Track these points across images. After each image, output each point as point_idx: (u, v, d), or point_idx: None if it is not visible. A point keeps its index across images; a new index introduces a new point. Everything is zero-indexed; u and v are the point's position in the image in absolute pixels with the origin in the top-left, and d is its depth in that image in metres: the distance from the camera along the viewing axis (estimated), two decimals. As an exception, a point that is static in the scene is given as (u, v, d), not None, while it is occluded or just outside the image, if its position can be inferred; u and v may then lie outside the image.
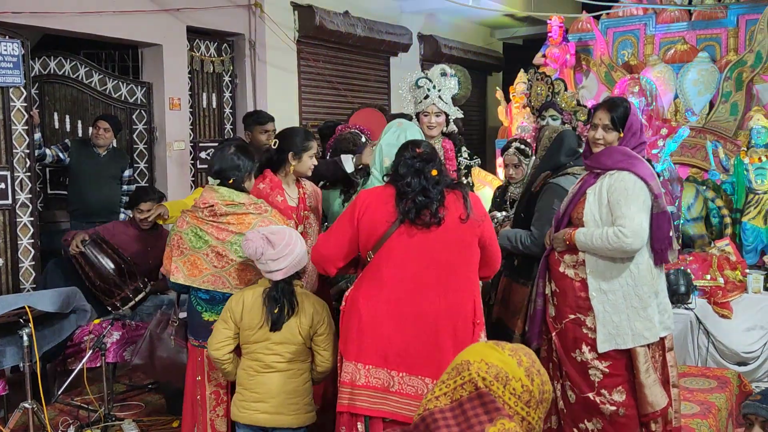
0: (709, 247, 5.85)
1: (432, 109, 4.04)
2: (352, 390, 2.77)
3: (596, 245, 3.20)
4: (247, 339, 3.03)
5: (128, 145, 6.36)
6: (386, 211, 2.81)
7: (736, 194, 6.05)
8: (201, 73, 6.80)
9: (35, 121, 5.43)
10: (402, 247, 2.80)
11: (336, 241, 2.91)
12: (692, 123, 6.88)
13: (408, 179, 2.79)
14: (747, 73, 6.88)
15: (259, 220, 3.21)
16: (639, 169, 3.25)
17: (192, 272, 3.19)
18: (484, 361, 1.54)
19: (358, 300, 2.82)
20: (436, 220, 2.77)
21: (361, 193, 2.99)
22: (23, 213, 5.16)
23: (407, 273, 2.79)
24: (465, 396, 1.52)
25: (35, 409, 3.79)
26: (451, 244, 2.81)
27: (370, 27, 8.20)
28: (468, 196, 2.88)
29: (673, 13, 7.65)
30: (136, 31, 6.01)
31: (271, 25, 7.13)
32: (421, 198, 2.76)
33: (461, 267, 2.85)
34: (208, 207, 3.20)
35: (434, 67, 4.17)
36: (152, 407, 4.78)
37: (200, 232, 3.19)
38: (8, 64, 4.99)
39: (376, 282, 2.81)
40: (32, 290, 5.09)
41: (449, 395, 1.54)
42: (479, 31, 10.77)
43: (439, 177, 2.81)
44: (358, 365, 2.78)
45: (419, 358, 2.76)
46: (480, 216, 2.91)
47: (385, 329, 2.76)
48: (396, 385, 2.77)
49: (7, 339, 3.95)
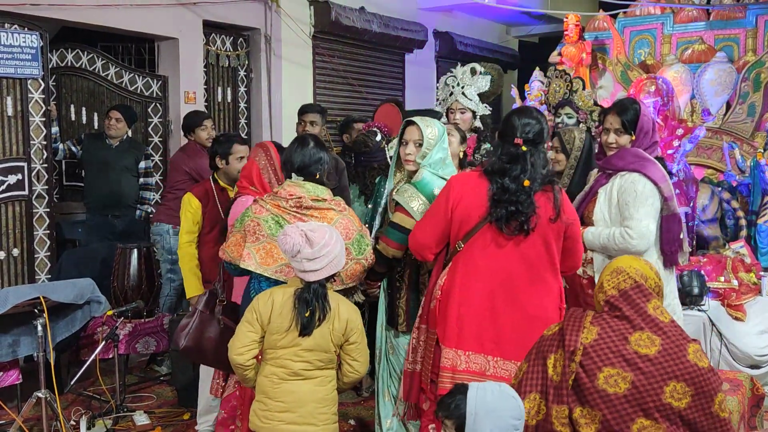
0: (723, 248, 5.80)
1: (456, 105, 4.10)
2: (453, 375, 2.88)
3: (603, 245, 3.20)
4: (273, 344, 2.79)
5: (143, 138, 6.39)
6: (478, 205, 2.89)
7: (752, 196, 6.01)
8: (216, 67, 6.82)
9: (53, 114, 5.48)
10: (493, 241, 2.89)
11: (432, 228, 2.97)
12: (709, 124, 6.82)
13: (502, 181, 2.85)
14: (765, 74, 6.81)
15: (340, 217, 3.12)
16: (650, 171, 3.24)
17: (265, 261, 3.04)
18: (632, 266, 2.44)
19: (453, 290, 2.92)
20: (525, 231, 2.86)
21: (454, 180, 3.00)
22: (39, 204, 5.20)
23: (498, 265, 2.89)
24: (627, 286, 2.39)
25: (48, 398, 3.82)
26: (538, 244, 2.91)
27: (386, 23, 8.19)
28: (559, 195, 2.93)
29: (691, 12, 7.59)
30: (152, 24, 6.03)
31: (287, 19, 7.14)
32: (512, 208, 2.83)
33: (547, 259, 2.95)
34: (295, 199, 3.09)
35: (467, 65, 4.20)
36: (164, 399, 4.81)
37: (282, 221, 3.06)
38: (27, 56, 5.03)
39: (470, 273, 2.91)
40: (47, 281, 5.14)
41: (616, 287, 2.40)
42: (495, 29, 10.73)
43: (530, 188, 2.85)
44: (458, 352, 2.89)
45: (512, 344, 2.88)
46: (569, 219, 2.97)
47: (482, 318, 2.89)
48: (491, 369, 2.89)
49: (22, 329, 3.99)
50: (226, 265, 3.22)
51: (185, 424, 4.38)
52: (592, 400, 2.26)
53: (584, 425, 2.25)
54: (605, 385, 2.25)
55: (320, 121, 5.25)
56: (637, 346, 2.26)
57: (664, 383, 2.24)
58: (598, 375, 2.26)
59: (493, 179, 2.89)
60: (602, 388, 2.25)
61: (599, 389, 2.25)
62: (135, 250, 4.85)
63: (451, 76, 4.22)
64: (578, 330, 2.36)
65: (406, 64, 8.98)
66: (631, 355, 2.26)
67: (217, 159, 4.21)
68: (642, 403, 2.23)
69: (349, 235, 3.10)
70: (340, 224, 3.09)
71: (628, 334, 2.29)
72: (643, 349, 2.26)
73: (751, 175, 6.03)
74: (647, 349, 2.26)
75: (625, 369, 2.25)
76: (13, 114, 5.01)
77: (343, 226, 3.11)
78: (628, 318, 2.32)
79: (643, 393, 2.23)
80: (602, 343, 2.29)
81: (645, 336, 2.28)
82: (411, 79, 9.03)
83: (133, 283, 4.80)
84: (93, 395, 4.66)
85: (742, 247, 5.61)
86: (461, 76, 4.15)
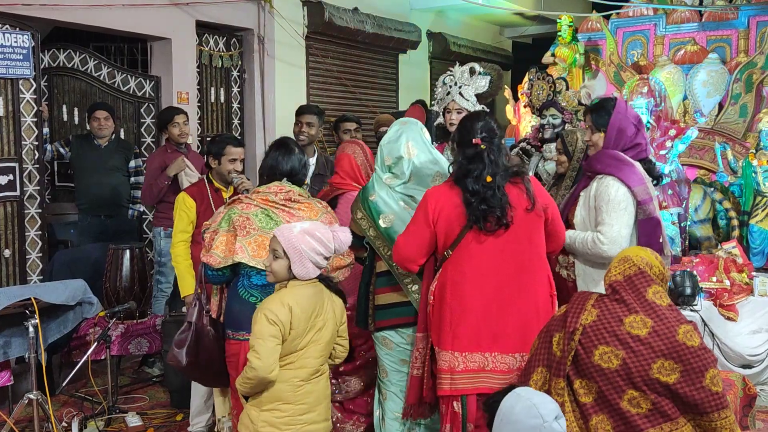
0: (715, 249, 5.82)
1: (453, 105, 4.09)
2: (452, 375, 2.97)
3: (578, 249, 3.24)
4: (294, 348, 2.77)
5: (136, 138, 6.37)
6: (458, 214, 2.96)
7: (744, 196, 6.03)
8: (209, 68, 6.81)
9: (44, 114, 5.46)
10: (478, 245, 2.96)
11: (416, 242, 3.04)
12: (701, 124, 6.84)
13: (470, 187, 2.93)
14: (757, 75, 6.84)
15: (324, 212, 3.30)
16: (624, 175, 3.26)
17: (257, 253, 3.11)
18: (638, 255, 2.69)
19: (445, 295, 3.00)
20: (503, 225, 2.93)
21: (430, 195, 3.04)
22: (31, 205, 5.18)
23: (486, 266, 2.97)
24: (631, 273, 2.66)
25: (40, 400, 3.80)
26: (520, 235, 2.98)
27: (380, 24, 8.19)
28: (530, 185, 3.01)
29: (683, 13, 7.61)
30: (145, 24, 6.02)
31: (280, 20, 7.13)
32: (483, 206, 2.91)
33: (533, 250, 3.03)
34: (284, 192, 3.24)
35: (465, 65, 4.19)
36: (156, 400, 4.80)
37: (271, 213, 3.18)
38: (18, 56, 5.01)
39: (459, 277, 2.98)
40: (39, 282, 5.12)
41: (622, 273, 2.66)
42: (488, 30, 10.75)
43: (493, 182, 2.91)
44: (455, 354, 2.97)
45: (508, 338, 2.97)
46: (544, 203, 3.05)
47: (475, 318, 2.96)
48: (490, 364, 2.97)
49: (13, 330, 3.97)
50: (209, 273, 3.21)
51: (178, 425, 4.37)
52: (589, 374, 2.60)
53: (583, 395, 2.62)
54: (600, 361, 2.57)
55: (317, 123, 5.23)
56: (630, 328, 2.58)
57: (652, 361, 2.53)
58: (594, 352, 2.59)
59: (461, 185, 2.97)
60: (597, 363, 2.57)
61: (595, 364, 2.58)
62: (127, 251, 4.84)
63: (449, 76, 4.21)
64: (579, 312, 2.66)
65: (400, 64, 8.99)
66: (623, 336, 2.57)
67: (210, 158, 4.23)
68: (632, 377, 2.54)
69: None
70: (325, 218, 3.25)
71: (624, 317, 2.60)
72: (635, 330, 2.57)
73: (743, 175, 6.05)
74: (639, 330, 2.57)
75: (617, 347, 2.56)
76: (5, 114, 4.99)
77: (327, 220, 3.25)
78: (626, 302, 2.62)
79: (632, 368, 2.54)
80: (600, 324, 2.61)
81: (638, 318, 2.59)
82: (404, 79, 9.03)
83: (126, 284, 4.79)
84: (85, 397, 4.64)
85: (734, 248, 5.62)
86: (459, 75, 4.15)
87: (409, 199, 3.31)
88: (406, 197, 3.32)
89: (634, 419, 2.54)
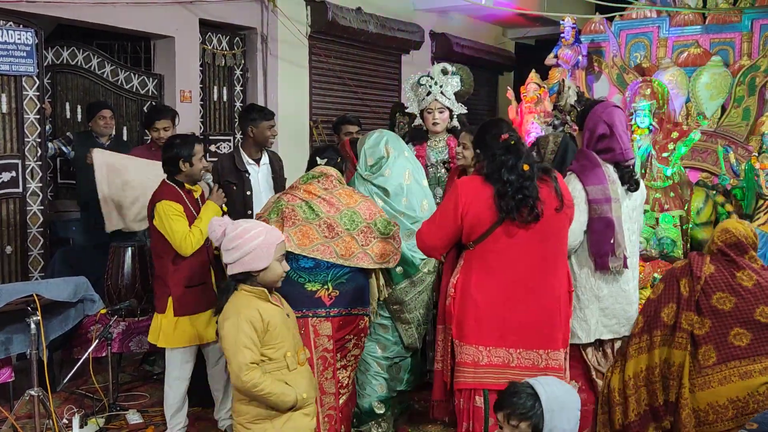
0: (717, 251, 5.82)
1: (435, 105, 4.16)
2: (476, 369, 3.01)
3: None
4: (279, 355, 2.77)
5: (139, 136, 6.37)
6: (488, 209, 2.98)
7: (746, 200, 6.03)
8: (212, 66, 6.81)
9: (47, 112, 5.46)
10: (505, 240, 3.00)
11: (441, 232, 3.09)
12: (704, 127, 6.84)
13: (505, 177, 2.94)
14: (760, 78, 6.84)
15: (363, 200, 3.53)
16: (583, 173, 3.37)
17: (302, 242, 3.40)
18: (736, 228, 3.50)
19: (470, 288, 3.02)
20: (535, 217, 2.95)
21: (460, 187, 3.06)
22: (33, 202, 5.19)
23: (512, 261, 3.00)
24: (733, 241, 3.47)
25: (41, 396, 3.80)
26: (548, 234, 3.03)
27: (383, 24, 8.20)
28: (558, 184, 3.05)
29: (687, 16, 7.61)
30: (149, 22, 6.02)
31: (284, 19, 7.14)
32: (519, 196, 2.93)
33: (557, 249, 3.10)
34: (325, 175, 3.54)
35: (435, 65, 4.26)
36: (157, 398, 4.79)
37: (313, 205, 3.44)
38: (22, 53, 5.02)
39: (485, 271, 3.02)
40: (41, 278, 5.12)
41: (724, 241, 3.48)
42: (491, 31, 10.74)
43: (531, 171, 2.95)
44: (479, 347, 3.01)
45: (532, 334, 3.02)
46: (570, 201, 3.11)
47: (500, 313, 3.00)
48: (515, 360, 3.02)
49: (15, 326, 3.97)
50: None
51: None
52: (706, 312, 3.39)
53: (697, 327, 3.39)
54: (716, 303, 3.38)
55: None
56: (741, 280, 3.40)
57: (756, 306, 3.34)
58: (712, 296, 3.40)
59: (493, 180, 2.97)
60: (714, 305, 3.38)
61: (712, 306, 3.39)
62: (129, 249, 4.83)
63: (425, 76, 4.29)
64: (702, 265, 3.45)
65: (403, 65, 8.99)
66: (736, 286, 3.39)
67: (180, 162, 3.92)
68: (739, 317, 3.34)
69: (372, 216, 3.49)
70: (364, 206, 3.50)
71: (736, 271, 3.42)
72: (744, 282, 3.39)
73: (746, 178, 6.05)
74: (747, 282, 3.39)
75: (731, 294, 3.38)
76: (8, 111, 5.00)
77: (366, 207, 3.51)
78: (735, 261, 3.44)
79: (741, 310, 3.34)
80: (717, 275, 3.43)
81: (746, 274, 3.41)
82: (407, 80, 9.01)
83: (127, 281, 4.78)
84: (86, 394, 4.65)
85: (735, 250, 5.62)
86: (438, 76, 4.22)
87: (381, 192, 3.76)
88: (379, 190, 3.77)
89: (736, 351, 3.31)
